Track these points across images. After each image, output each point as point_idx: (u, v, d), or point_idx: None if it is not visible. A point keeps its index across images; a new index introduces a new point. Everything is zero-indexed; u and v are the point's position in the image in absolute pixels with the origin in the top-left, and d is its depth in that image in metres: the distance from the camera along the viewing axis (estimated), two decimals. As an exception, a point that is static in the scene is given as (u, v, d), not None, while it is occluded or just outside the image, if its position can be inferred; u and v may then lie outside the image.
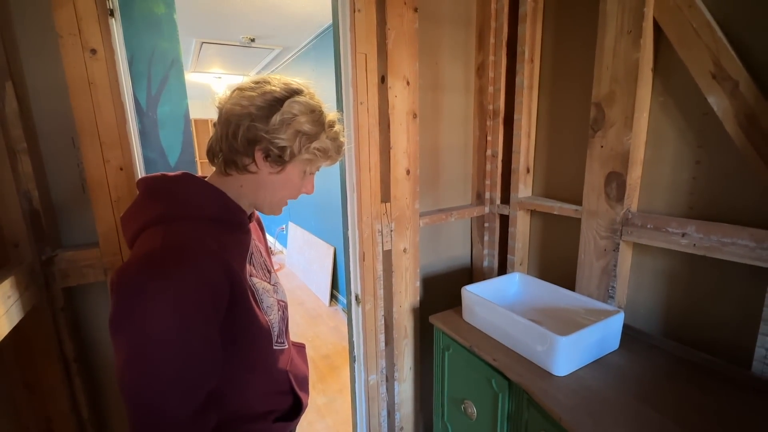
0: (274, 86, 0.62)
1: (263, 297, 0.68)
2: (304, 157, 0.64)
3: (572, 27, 1.32)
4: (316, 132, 0.63)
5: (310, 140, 0.63)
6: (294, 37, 3.19)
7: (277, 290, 0.76)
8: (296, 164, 0.65)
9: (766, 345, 0.89)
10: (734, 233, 0.92)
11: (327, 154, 0.66)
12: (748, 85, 0.89)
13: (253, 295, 0.64)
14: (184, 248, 0.53)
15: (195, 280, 0.51)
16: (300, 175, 0.67)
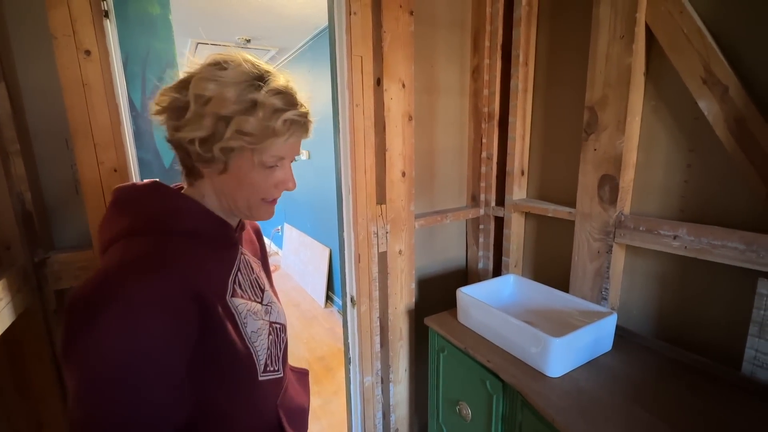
0: (188, 70, 0.54)
1: (248, 321, 0.58)
2: (232, 145, 0.51)
3: (566, 31, 1.33)
4: (238, 110, 0.50)
5: (228, 123, 0.50)
6: (290, 39, 3.19)
7: (271, 311, 0.66)
8: (237, 157, 0.53)
9: (755, 346, 0.90)
10: (724, 236, 0.93)
11: (267, 134, 0.52)
12: (738, 90, 0.90)
13: (232, 320, 0.55)
14: (143, 269, 0.46)
15: (153, 306, 0.44)
16: (253, 168, 0.54)
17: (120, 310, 0.43)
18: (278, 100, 0.52)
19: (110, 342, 0.42)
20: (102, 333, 0.42)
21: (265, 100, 0.51)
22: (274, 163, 0.56)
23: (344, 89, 1.21)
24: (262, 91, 0.51)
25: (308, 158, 3.65)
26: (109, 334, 0.42)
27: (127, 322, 0.43)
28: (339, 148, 1.26)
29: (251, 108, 0.51)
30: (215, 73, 0.52)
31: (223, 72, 0.52)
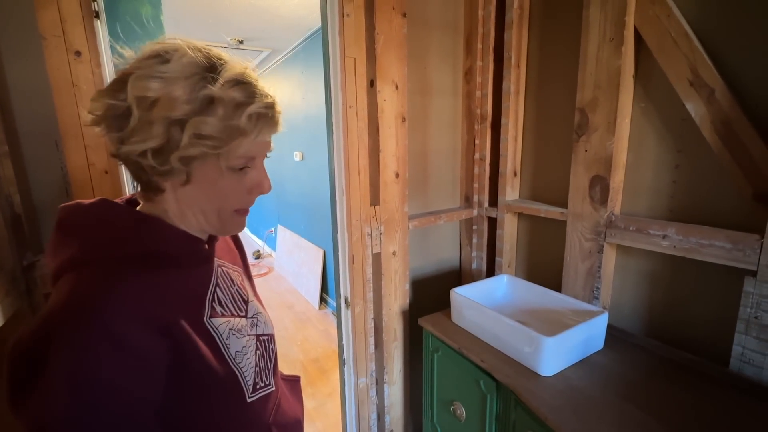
0: (122, 68, 0.45)
1: (230, 341, 0.53)
2: (192, 153, 0.44)
3: (557, 34, 1.35)
4: (192, 110, 0.43)
5: (183, 127, 0.43)
6: (283, 40, 3.19)
7: (257, 323, 0.61)
8: (200, 165, 0.46)
9: (742, 343, 0.92)
10: (712, 235, 0.95)
11: (231, 135, 0.45)
12: (724, 92, 0.92)
13: (212, 343, 0.50)
14: (93, 307, 0.39)
15: (104, 349, 0.38)
16: (221, 175, 0.47)
17: (64, 365, 0.37)
18: (238, 92, 0.44)
19: (62, 400, 0.36)
20: (46, 391, 0.36)
21: (223, 94, 0.43)
22: (244, 164, 0.48)
23: (338, 91, 1.21)
24: (217, 84, 0.43)
25: (302, 159, 3.64)
26: (59, 392, 0.36)
27: (77, 376, 0.37)
28: (332, 150, 1.26)
29: (207, 106, 0.43)
30: (156, 68, 0.42)
31: (166, 66, 0.43)
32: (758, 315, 0.89)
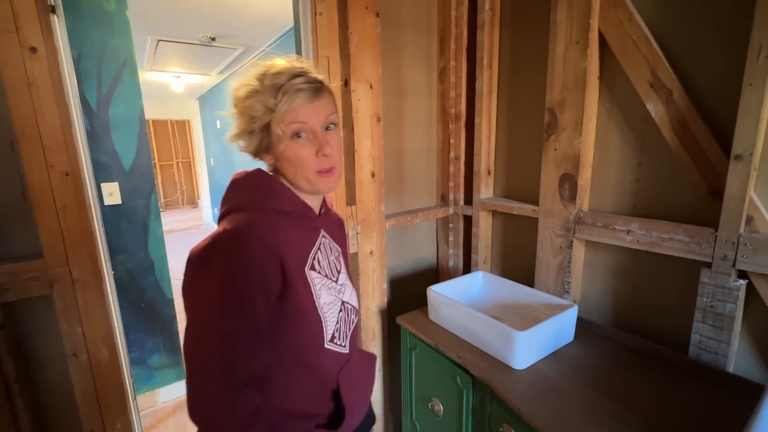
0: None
1: (321, 292, 0.68)
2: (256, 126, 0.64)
3: (527, 35, 1.38)
4: (243, 96, 0.63)
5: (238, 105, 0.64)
6: (257, 38, 3.13)
7: (344, 291, 0.75)
8: (271, 136, 0.64)
9: (699, 331, 0.97)
10: (671, 229, 1.00)
11: (268, 108, 0.61)
12: (681, 93, 0.97)
13: (307, 288, 0.65)
14: (242, 234, 0.59)
15: (245, 261, 0.57)
16: (285, 141, 0.63)
17: (221, 263, 0.57)
18: (270, 80, 0.62)
19: (220, 284, 0.56)
20: (212, 278, 0.56)
21: (261, 87, 0.62)
22: (297, 129, 0.62)
23: (311, 90, 1.20)
24: (263, 81, 0.62)
25: (278, 159, 3.58)
26: (212, 281, 0.56)
27: (225, 272, 0.56)
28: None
29: (249, 95, 0.62)
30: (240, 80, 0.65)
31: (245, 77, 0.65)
32: (713, 304, 0.94)
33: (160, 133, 8.06)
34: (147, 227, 1.93)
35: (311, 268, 0.68)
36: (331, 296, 0.70)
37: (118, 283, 1.88)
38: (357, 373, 0.76)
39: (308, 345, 0.66)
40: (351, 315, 0.75)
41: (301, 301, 0.64)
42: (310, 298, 0.65)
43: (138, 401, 2.00)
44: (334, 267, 0.75)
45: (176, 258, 5.00)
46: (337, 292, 0.72)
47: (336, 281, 0.73)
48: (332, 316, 0.69)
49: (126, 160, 1.84)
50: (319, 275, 0.69)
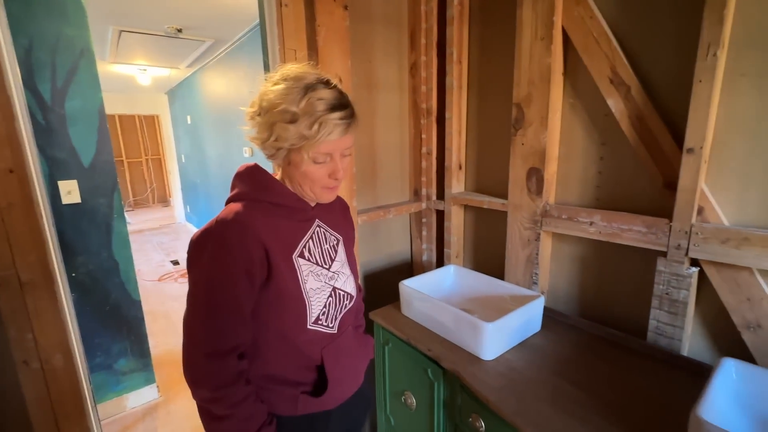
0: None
1: (308, 278, 0.74)
2: (285, 146, 0.67)
3: (495, 31, 1.40)
4: (277, 112, 0.65)
5: (271, 130, 0.67)
6: (226, 30, 3.03)
7: (336, 278, 0.80)
8: (293, 154, 0.69)
9: (656, 317, 1.02)
10: (630, 220, 1.04)
11: (302, 136, 0.65)
12: (638, 90, 1.01)
13: (293, 274, 0.72)
14: (230, 222, 0.67)
15: (230, 246, 0.66)
16: (306, 163, 0.68)
17: (212, 247, 0.66)
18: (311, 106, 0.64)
19: (208, 265, 0.66)
20: (203, 260, 0.67)
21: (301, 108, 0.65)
22: (324, 159, 0.69)
23: (278, 83, 1.17)
24: (300, 104, 0.64)
25: (251, 156, 3.51)
26: (204, 262, 0.66)
27: (214, 255, 0.66)
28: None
29: (275, 120, 0.66)
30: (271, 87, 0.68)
31: (273, 87, 0.68)
32: (669, 291, 0.99)
33: (127, 129, 7.73)
34: (110, 227, 1.84)
35: (300, 255, 0.74)
36: (319, 282, 0.76)
37: (80, 286, 1.80)
38: (346, 350, 0.83)
39: (291, 324, 0.73)
40: (344, 300, 0.81)
41: (286, 285, 0.71)
42: (296, 283, 0.72)
43: (105, 407, 1.93)
44: (328, 255, 0.80)
45: (147, 258, 4.87)
46: (328, 278, 0.78)
47: (328, 268, 0.79)
48: (318, 301, 0.75)
49: (85, 156, 1.75)
50: (308, 262, 0.75)
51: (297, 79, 0.66)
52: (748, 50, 0.85)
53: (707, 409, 0.65)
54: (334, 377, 0.79)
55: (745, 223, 0.90)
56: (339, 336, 0.81)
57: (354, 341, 0.88)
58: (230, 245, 0.66)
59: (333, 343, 0.80)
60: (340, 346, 0.82)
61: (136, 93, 6.09)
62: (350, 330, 0.86)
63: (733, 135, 0.89)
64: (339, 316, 0.81)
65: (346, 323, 0.84)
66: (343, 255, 0.85)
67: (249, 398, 0.69)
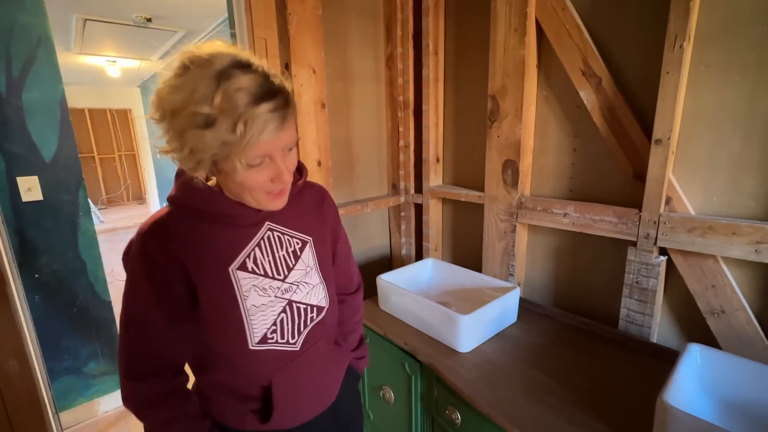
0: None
1: (249, 294, 0.63)
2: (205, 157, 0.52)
3: (471, 23, 1.39)
4: (181, 128, 0.50)
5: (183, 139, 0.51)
6: (199, 20, 2.93)
7: (296, 290, 0.67)
8: (222, 162, 0.54)
9: (627, 305, 1.04)
10: (602, 211, 1.05)
11: (225, 143, 0.50)
12: (609, 81, 1.01)
13: (229, 290, 0.61)
14: (145, 232, 0.59)
15: (142, 257, 0.59)
16: (240, 170, 0.54)
17: (132, 261, 0.60)
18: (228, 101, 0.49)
19: (128, 281, 0.61)
20: (126, 275, 0.61)
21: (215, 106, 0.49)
22: (260, 161, 0.55)
23: (248, 74, 1.13)
24: (214, 101, 0.49)
25: (228, 150, 3.41)
26: (128, 275, 0.61)
27: (134, 267, 0.60)
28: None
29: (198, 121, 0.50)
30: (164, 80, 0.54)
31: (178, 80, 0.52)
32: (639, 280, 1.01)
33: (98, 124, 7.42)
34: (76, 225, 1.76)
35: (241, 267, 0.62)
36: (266, 297, 0.64)
37: (44, 287, 1.71)
38: (310, 369, 0.71)
39: (230, 346, 0.63)
40: (307, 314, 0.69)
41: (216, 303, 0.61)
42: (232, 301, 0.61)
43: (74, 413, 1.86)
44: (283, 264, 0.67)
45: (120, 258, 4.70)
46: (280, 292, 0.65)
47: (282, 280, 0.66)
48: (264, 319, 0.64)
49: (46, 151, 1.66)
50: (251, 275, 0.63)
51: (203, 64, 0.49)
52: (711, 42, 0.86)
53: (673, 394, 0.66)
54: (286, 403, 0.68)
55: (709, 212, 0.93)
56: (303, 353, 0.69)
57: (326, 356, 0.75)
58: (142, 255, 0.58)
59: (292, 363, 0.68)
60: (301, 366, 0.69)
61: (106, 86, 5.84)
62: (322, 343, 0.73)
63: (699, 126, 0.91)
64: (303, 331, 0.68)
65: (315, 337, 0.71)
66: (311, 260, 0.71)
67: (179, 419, 0.63)
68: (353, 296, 0.87)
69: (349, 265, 0.86)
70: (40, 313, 1.70)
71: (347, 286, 0.87)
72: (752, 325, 0.87)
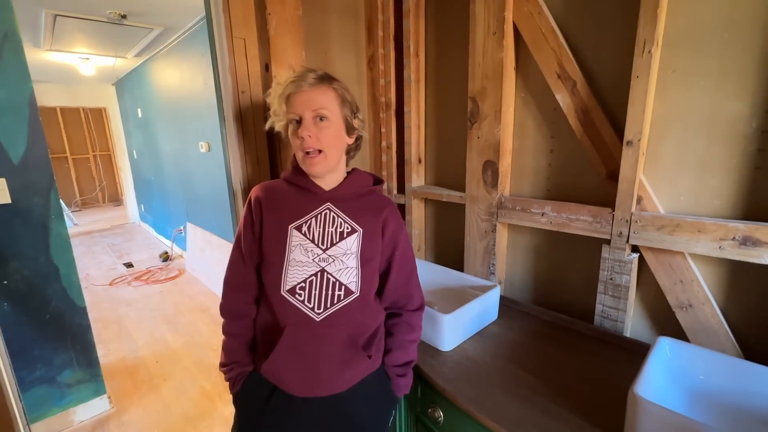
0: None
1: (295, 249, 0.79)
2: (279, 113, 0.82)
3: (451, 25, 1.40)
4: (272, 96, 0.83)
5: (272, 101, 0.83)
6: (176, 17, 2.86)
7: (330, 262, 0.80)
8: (287, 128, 0.81)
9: (602, 302, 1.08)
10: (578, 210, 1.08)
11: (279, 98, 0.79)
12: (583, 85, 1.05)
13: (282, 238, 0.80)
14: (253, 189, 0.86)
15: (246, 203, 0.86)
16: (289, 130, 0.80)
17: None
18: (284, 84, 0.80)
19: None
20: None
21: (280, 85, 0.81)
22: (292, 118, 0.78)
23: (227, 74, 1.12)
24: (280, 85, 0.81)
25: (208, 150, 3.35)
26: None
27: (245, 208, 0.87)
28: (225, 138, 1.17)
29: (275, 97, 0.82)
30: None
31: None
32: (612, 276, 1.04)
33: (71, 123, 7.17)
34: (47, 228, 1.69)
35: (297, 227, 0.81)
36: (305, 257, 0.79)
37: (14, 294, 1.64)
38: (317, 344, 0.79)
39: (270, 283, 0.80)
40: (335, 289, 0.80)
41: (270, 245, 0.80)
42: (281, 247, 0.79)
43: (48, 423, 1.79)
44: (330, 237, 0.81)
45: (96, 262, 4.57)
46: (318, 258, 0.80)
47: (324, 249, 0.80)
48: (297, 273, 0.79)
49: (14, 152, 1.60)
50: (302, 236, 0.80)
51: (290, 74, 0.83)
52: (678, 48, 0.90)
53: (644, 386, 0.69)
54: (283, 356, 0.79)
55: (677, 210, 0.97)
56: (320, 326, 0.79)
57: (340, 345, 0.80)
58: (248, 204, 0.85)
59: (308, 327, 0.78)
60: (312, 334, 0.79)
61: (79, 84, 5.64)
62: (341, 332, 0.80)
63: (667, 128, 0.95)
64: (329, 307, 0.79)
65: (338, 321, 0.79)
66: (356, 247, 0.82)
67: (237, 337, 0.85)
68: (412, 314, 0.91)
69: (410, 283, 0.92)
70: (9, 320, 1.63)
71: (407, 302, 0.91)
72: (717, 318, 0.92)
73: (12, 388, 0.87)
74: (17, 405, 0.87)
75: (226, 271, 0.86)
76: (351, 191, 0.85)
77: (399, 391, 0.89)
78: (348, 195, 0.85)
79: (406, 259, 0.90)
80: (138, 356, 2.43)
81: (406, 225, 1.61)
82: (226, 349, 0.86)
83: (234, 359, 0.85)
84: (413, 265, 0.93)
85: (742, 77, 0.84)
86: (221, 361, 0.87)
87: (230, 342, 0.85)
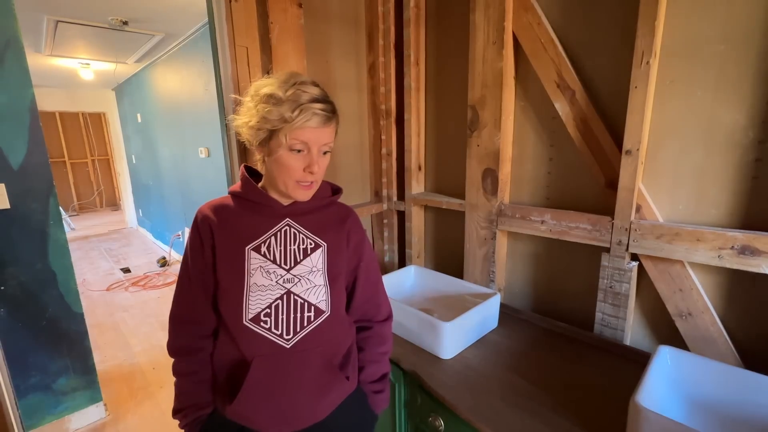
0: None
1: (255, 272, 0.72)
2: (266, 127, 0.69)
3: (451, 34, 1.42)
4: (265, 97, 0.68)
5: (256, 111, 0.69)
6: (178, 24, 2.88)
7: (296, 283, 0.74)
8: (273, 139, 0.69)
9: (602, 310, 1.08)
10: (577, 218, 1.09)
11: (283, 118, 0.67)
12: (582, 94, 1.06)
13: (239, 263, 0.72)
14: (201, 209, 0.77)
15: (192, 227, 0.77)
16: (283, 148, 0.69)
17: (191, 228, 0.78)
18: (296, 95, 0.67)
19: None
20: None
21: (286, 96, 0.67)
22: (300, 147, 0.69)
23: (229, 82, 1.12)
24: (286, 93, 0.67)
25: (208, 156, 3.36)
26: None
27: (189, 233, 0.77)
28: (227, 145, 1.17)
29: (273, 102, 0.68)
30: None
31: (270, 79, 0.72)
32: (612, 285, 1.04)
33: (70, 128, 7.16)
34: (45, 234, 1.69)
35: (255, 249, 0.73)
36: (268, 280, 0.72)
37: (11, 300, 1.63)
38: (290, 375, 0.72)
39: (230, 315, 0.73)
40: (303, 311, 0.73)
41: (227, 272, 0.72)
42: (239, 273, 0.72)
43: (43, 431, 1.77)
44: (293, 256, 0.75)
45: (93, 267, 4.54)
46: (282, 280, 0.73)
47: (287, 269, 0.74)
48: (260, 298, 0.72)
49: (14, 157, 1.59)
50: (262, 258, 0.73)
51: (291, 75, 0.71)
52: (676, 59, 0.91)
53: (645, 396, 0.69)
54: (252, 393, 0.71)
55: (676, 219, 0.97)
56: (292, 353, 0.72)
57: (316, 372, 0.74)
58: (194, 227, 0.76)
59: (278, 356, 0.71)
60: (285, 364, 0.72)
61: (78, 89, 5.65)
62: (316, 357, 0.74)
63: (666, 137, 0.96)
64: (299, 331, 0.72)
65: (310, 344, 0.73)
66: (321, 263, 0.76)
67: (192, 375, 0.75)
68: (381, 324, 0.87)
69: (377, 292, 0.87)
70: (6, 327, 1.62)
71: (375, 313, 0.86)
72: (716, 327, 0.92)
73: (9, 396, 0.86)
74: (14, 413, 0.86)
75: (173, 305, 0.77)
76: (310, 204, 0.77)
77: (377, 408, 0.86)
78: (307, 208, 0.78)
79: (372, 268, 0.86)
80: (134, 363, 2.41)
81: (405, 232, 1.62)
82: (178, 391, 0.76)
83: (189, 402, 0.75)
84: (379, 273, 0.89)
85: (738, 88, 0.85)
86: (174, 407, 0.77)
87: (184, 383, 0.76)
